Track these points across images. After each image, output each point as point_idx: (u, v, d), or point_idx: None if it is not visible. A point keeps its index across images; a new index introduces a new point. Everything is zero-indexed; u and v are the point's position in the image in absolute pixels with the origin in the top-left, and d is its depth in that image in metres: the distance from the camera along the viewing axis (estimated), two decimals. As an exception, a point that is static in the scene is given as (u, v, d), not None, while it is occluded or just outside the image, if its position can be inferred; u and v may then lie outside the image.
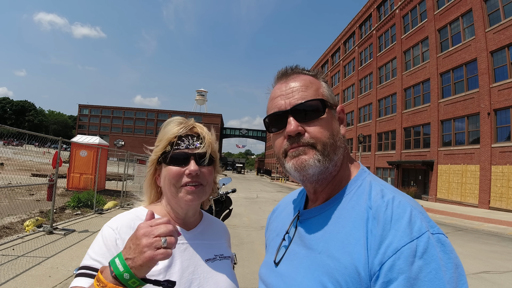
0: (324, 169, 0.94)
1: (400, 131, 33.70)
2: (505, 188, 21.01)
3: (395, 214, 0.82)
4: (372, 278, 0.78)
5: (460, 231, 13.27)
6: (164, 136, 1.17)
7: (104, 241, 1.06)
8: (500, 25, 22.00)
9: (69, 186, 16.17)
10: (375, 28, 40.50)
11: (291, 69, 1.05)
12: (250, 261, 7.12)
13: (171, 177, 1.13)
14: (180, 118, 1.21)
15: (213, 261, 1.22)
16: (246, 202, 19.81)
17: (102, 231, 1.10)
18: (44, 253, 6.46)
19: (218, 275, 1.18)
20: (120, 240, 1.06)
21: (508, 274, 7.27)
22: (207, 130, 1.23)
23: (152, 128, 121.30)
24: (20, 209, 9.84)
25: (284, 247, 1.06)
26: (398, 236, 0.78)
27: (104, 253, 1.04)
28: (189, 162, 1.14)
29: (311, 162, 0.93)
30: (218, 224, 1.42)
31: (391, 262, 0.76)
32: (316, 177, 0.96)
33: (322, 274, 0.86)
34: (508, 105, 21.16)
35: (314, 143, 0.93)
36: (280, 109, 0.98)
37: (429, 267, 0.74)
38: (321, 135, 0.94)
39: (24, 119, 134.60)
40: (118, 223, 1.11)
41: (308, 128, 0.95)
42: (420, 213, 0.83)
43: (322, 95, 0.99)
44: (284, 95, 0.99)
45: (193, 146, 1.15)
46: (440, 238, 0.79)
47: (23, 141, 10.12)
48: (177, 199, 1.15)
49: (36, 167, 20.46)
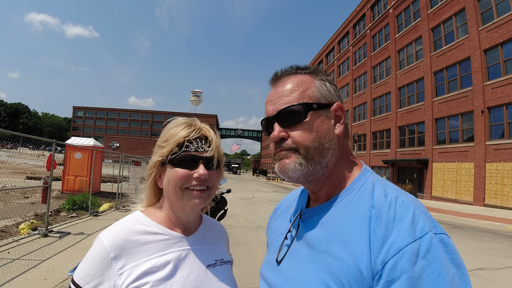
0: (308, 171, 0.96)
1: (394, 130, 33.87)
2: (500, 185, 21.18)
3: (398, 214, 0.82)
4: (375, 278, 0.78)
5: (455, 228, 13.33)
6: (172, 138, 1.13)
7: (97, 260, 1.03)
8: (493, 23, 22.17)
9: (64, 189, 16.11)
10: (369, 27, 40.65)
11: (281, 72, 1.06)
12: (246, 262, 7.11)
13: (178, 179, 1.10)
14: (187, 120, 1.19)
15: (214, 266, 1.20)
16: (242, 203, 19.79)
17: (95, 245, 1.06)
18: (40, 256, 6.42)
19: (219, 281, 1.17)
20: (115, 260, 1.02)
21: (503, 270, 7.32)
22: (214, 133, 1.21)
23: (147, 129, 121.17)
24: (15, 212, 9.77)
25: (286, 246, 1.06)
26: (401, 236, 0.78)
27: (94, 273, 1.01)
28: (197, 166, 1.11)
29: (291, 166, 0.96)
30: (217, 226, 1.40)
31: (394, 261, 0.76)
32: (302, 179, 0.98)
33: (325, 273, 0.86)
34: (502, 102, 21.34)
35: (295, 148, 0.96)
36: (268, 115, 1.02)
37: (432, 267, 0.74)
38: (303, 139, 0.95)
39: (18, 122, 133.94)
40: (113, 238, 1.06)
41: (290, 133, 0.97)
42: (423, 213, 0.83)
43: (309, 97, 0.98)
44: (272, 100, 1.02)
45: (202, 149, 1.13)
46: (443, 238, 0.79)
47: (18, 143, 10.00)
48: (181, 202, 1.12)
49: (31, 170, 20.35)
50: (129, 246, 1.06)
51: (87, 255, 1.06)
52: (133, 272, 1.02)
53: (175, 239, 1.15)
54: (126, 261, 1.03)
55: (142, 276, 1.02)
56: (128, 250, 1.05)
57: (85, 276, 1.02)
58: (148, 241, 1.10)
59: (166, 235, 1.14)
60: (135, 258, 1.05)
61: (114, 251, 1.03)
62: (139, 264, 1.04)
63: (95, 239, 1.08)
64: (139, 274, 1.02)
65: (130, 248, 1.05)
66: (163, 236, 1.13)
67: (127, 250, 1.05)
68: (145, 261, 1.05)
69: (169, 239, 1.14)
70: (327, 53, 57.28)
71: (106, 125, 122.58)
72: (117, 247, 1.04)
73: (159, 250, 1.10)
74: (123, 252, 1.04)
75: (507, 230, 13.16)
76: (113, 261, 1.02)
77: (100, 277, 1.01)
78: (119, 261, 1.03)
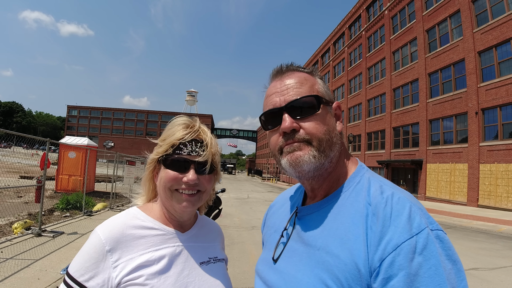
0: (319, 165, 0.94)
1: (389, 131, 34.01)
2: (493, 186, 21.33)
3: (394, 211, 0.82)
4: (372, 275, 0.78)
5: (449, 228, 13.40)
6: (168, 139, 1.13)
7: (92, 252, 1.03)
8: (487, 25, 22.33)
9: (58, 188, 16.01)
10: (364, 29, 40.82)
11: (286, 67, 1.04)
12: (240, 261, 7.11)
13: (167, 181, 1.10)
14: (187, 120, 1.18)
15: (208, 264, 1.20)
16: (237, 203, 19.79)
17: (91, 238, 1.06)
18: (33, 256, 6.37)
19: (212, 278, 1.17)
20: (110, 253, 1.02)
21: (496, 270, 7.37)
22: (211, 136, 1.19)
23: (142, 129, 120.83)
24: (8, 212, 9.69)
25: (282, 243, 1.05)
26: (398, 233, 0.78)
27: (89, 266, 1.01)
28: (188, 170, 1.10)
29: (306, 158, 0.92)
30: (213, 225, 1.40)
31: (391, 258, 0.76)
32: (312, 173, 0.95)
33: (322, 271, 0.85)
34: (496, 104, 21.49)
35: (309, 139, 0.93)
36: (275, 106, 0.98)
37: (429, 263, 0.74)
38: (317, 131, 0.94)
39: (12, 121, 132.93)
40: (109, 232, 1.06)
41: (303, 124, 0.94)
42: (420, 209, 0.83)
43: (317, 91, 0.99)
44: (279, 92, 0.99)
45: (195, 153, 1.12)
46: (439, 234, 0.80)
47: (11, 142, 9.95)
48: (171, 202, 1.12)
49: (25, 169, 20.19)
50: (124, 239, 1.06)
51: (83, 248, 1.06)
52: (128, 265, 1.02)
53: (170, 235, 1.15)
54: (121, 254, 1.03)
55: (137, 269, 1.02)
56: (124, 244, 1.05)
57: (80, 268, 1.01)
58: (143, 236, 1.10)
59: (161, 230, 1.14)
60: (130, 252, 1.05)
61: (110, 244, 1.03)
62: (134, 257, 1.04)
63: (92, 232, 1.08)
64: (134, 267, 1.02)
65: (125, 242, 1.06)
66: (159, 231, 1.14)
67: (123, 244, 1.05)
68: (140, 255, 1.05)
69: (164, 235, 1.14)
70: (323, 54, 57.42)
71: (100, 124, 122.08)
72: (112, 240, 1.04)
73: (154, 244, 1.10)
74: (118, 245, 1.04)
75: (500, 230, 13.25)
76: (108, 254, 1.02)
77: (95, 269, 1.01)
78: (114, 254, 1.03)
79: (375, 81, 37.98)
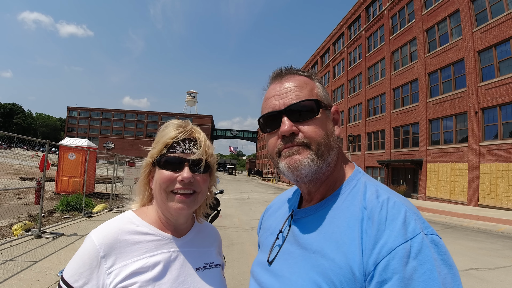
0: (317, 169, 0.94)
1: (389, 131, 33.99)
2: (494, 185, 21.32)
3: (389, 215, 0.82)
4: (367, 278, 0.78)
5: (449, 228, 13.40)
6: (161, 139, 1.13)
7: (86, 258, 1.02)
8: (487, 25, 22.32)
9: (58, 190, 16.00)
10: (364, 29, 40.81)
11: (285, 70, 1.05)
12: (240, 262, 7.10)
13: (162, 181, 1.09)
14: (179, 121, 1.18)
15: (203, 269, 1.19)
16: (237, 203, 19.79)
17: (85, 243, 1.05)
18: (33, 257, 6.37)
19: (208, 284, 1.16)
20: (104, 259, 1.02)
21: (496, 270, 7.36)
22: (204, 136, 1.19)
23: (142, 130, 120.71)
24: (8, 213, 9.69)
25: (277, 246, 1.05)
26: (393, 237, 0.78)
27: (83, 272, 1.01)
28: (182, 168, 1.10)
29: (304, 162, 0.92)
30: (210, 229, 1.38)
31: (386, 262, 0.76)
32: (309, 177, 0.95)
33: (317, 274, 0.85)
34: (496, 103, 21.48)
35: (308, 143, 0.93)
36: (274, 109, 0.98)
37: (423, 267, 0.74)
38: (315, 135, 0.94)
39: (12, 122, 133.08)
40: (103, 237, 1.05)
41: (302, 128, 0.94)
42: (415, 214, 0.83)
43: (317, 95, 0.99)
44: (279, 95, 0.99)
45: (189, 151, 1.11)
46: (434, 239, 0.80)
47: (11, 144, 9.94)
48: (166, 205, 1.11)
49: (25, 170, 20.20)
50: (119, 245, 1.05)
51: (77, 252, 1.05)
52: (122, 272, 1.02)
53: (166, 240, 1.14)
54: (115, 261, 1.03)
55: (131, 276, 1.02)
56: (118, 250, 1.04)
57: (74, 274, 1.01)
58: (138, 241, 1.09)
59: (156, 235, 1.13)
60: (124, 258, 1.04)
61: (104, 250, 1.03)
62: (128, 264, 1.03)
63: (86, 237, 1.08)
64: (128, 274, 1.02)
65: (120, 248, 1.05)
66: (154, 236, 1.12)
67: (117, 250, 1.04)
68: (134, 261, 1.04)
69: (159, 240, 1.13)
70: (322, 54, 57.40)
71: (100, 125, 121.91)
72: (107, 246, 1.03)
73: (149, 250, 1.09)
74: (112, 251, 1.03)
75: (500, 230, 13.25)
76: (102, 260, 1.02)
77: (89, 276, 1.00)
78: (108, 260, 1.02)
79: (374, 81, 37.96)
